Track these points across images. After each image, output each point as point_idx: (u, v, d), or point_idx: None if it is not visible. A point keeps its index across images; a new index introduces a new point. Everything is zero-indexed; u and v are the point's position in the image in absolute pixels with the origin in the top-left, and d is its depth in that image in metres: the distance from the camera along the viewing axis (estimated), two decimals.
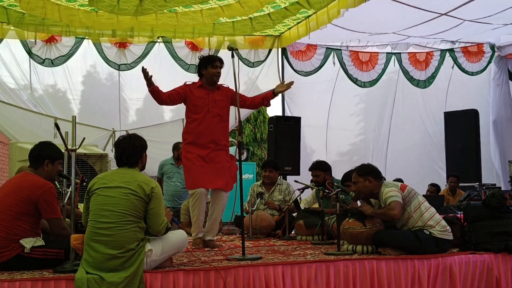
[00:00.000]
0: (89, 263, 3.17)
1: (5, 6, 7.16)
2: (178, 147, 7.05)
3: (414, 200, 4.19)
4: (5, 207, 3.49)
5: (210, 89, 4.74)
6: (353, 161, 9.77)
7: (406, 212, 4.17)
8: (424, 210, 4.16)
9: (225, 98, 4.77)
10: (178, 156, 7.06)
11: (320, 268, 3.66)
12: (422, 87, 9.84)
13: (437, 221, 4.12)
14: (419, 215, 4.14)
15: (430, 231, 4.06)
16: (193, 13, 7.30)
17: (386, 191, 4.18)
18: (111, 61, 8.28)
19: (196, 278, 3.38)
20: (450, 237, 4.14)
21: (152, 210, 3.34)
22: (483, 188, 8.24)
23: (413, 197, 4.21)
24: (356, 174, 4.39)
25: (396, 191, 4.16)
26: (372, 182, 4.29)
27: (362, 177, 4.32)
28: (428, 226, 4.08)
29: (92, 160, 5.71)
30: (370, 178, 4.29)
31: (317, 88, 9.30)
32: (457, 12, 7.36)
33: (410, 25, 7.98)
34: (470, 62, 9.99)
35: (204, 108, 4.67)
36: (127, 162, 3.44)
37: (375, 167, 4.43)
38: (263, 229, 5.82)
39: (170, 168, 7.08)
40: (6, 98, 7.67)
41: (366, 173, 4.32)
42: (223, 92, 4.79)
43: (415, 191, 4.30)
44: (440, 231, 4.08)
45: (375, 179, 4.30)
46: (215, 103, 4.70)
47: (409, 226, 4.18)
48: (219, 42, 8.54)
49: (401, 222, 4.22)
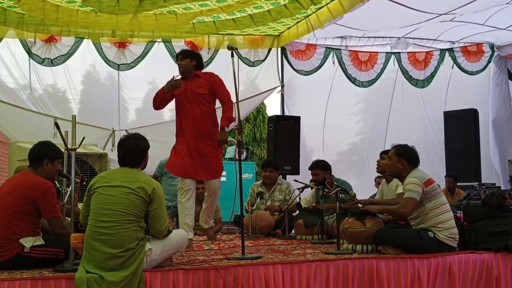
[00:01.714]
0: (89, 262, 3.17)
1: (5, 8, 7.16)
2: None
3: (436, 199, 4.13)
4: (5, 207, 3.49)
5: (187, 79, 4.86)
6: (352, 161, 9.81)
7: (424, 207, 4.12)
8: (441, 212, 4.10)
9: (206, 83, 4.85)
10: None
11: (319, 268, 3.66)
12: (421, 86, 9.84)
13: (449, 227, 4.08)
14: (435, 214, 4.09)
15: (437, 233, 4.03)
16: (192, 14, 7.30)
17: (409, 181, 4.14)
18: (111, 61, 8.28)
19: (196, 277, 3.38)
20: (455, 244, 4.12)
21: (154, 211, 3.34)
22: (482, 187, 8.24)
23: (437, 195, 4.15)
24: (394, 152, 4.35)
25: (417, 185, 4.08)
26: (404, 166, 4.26)
27: (398, 156, 4.30)
28: (438, 228, 4.04)
29: (92, 160, 5.70)
30: (404, 161, 4.27)
31: (316, 87, 9.29)
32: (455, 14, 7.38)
33: (409, 27, 8.01)
34: (470, 61, 9.99)
35: (183, 97, 4.81)
36: (131, 163, 3.44)
37: (414, 153, 4.36)
38: (262, 228, 5.82)
39: None
40: (5, 98, 7.66)
41: (402, 155, 4.29)
42: (203, 78, 4.89)
43: (441, 191, 4.26)
44: (447, 236, 4.05)
45: (408, 164, 4.27)
46: (192, 91, 4.80)
47: (421, 221, 4.14)
48: (219, 41, 8.53)
49: (414, 215, 4.18)
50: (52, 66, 8.07)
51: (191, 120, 4.78)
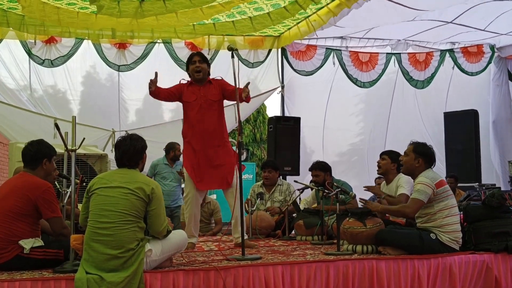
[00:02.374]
0: (88, 263, 3.17)
1: (5, 9, 7.16)
2: (175, 147, 7.05)
3: (447, 201, 4.11)
4: (4, 208, 3.49)
5: (201, 85, 4.74)
6: (352, 161, 9.80)
7: (433, 207, 4.10)
8: (448, 214, 4.07)
9: (217, 91, 4.73)
10: (174, 156, 7.06)
11: (319, 268, 3.66)
12: (420, 87, 9.84)
13: (453, 230, 4.07)
14: (442, 216, 4.07)
15: (440, 234, 4.02)
16: (192, 12, 7.29)
17: (420, 180, 4.11)
18: (111, 62, 8.28)
19: (196, 278, 3.38)
20: (457, 247, 4.11)
21: (153, 211, 3.35)
22: (482, 188, 8.24)
23: (447, 197, 4.13)
24: (412, 148, 4.29)
25: (427, 185, 4.05)
26: (420, 164, 4.22)
27: (416, 154, 4.24)
28: (441, 229, 4.03)
29: (92, 161, 5.71)
30: (421, 159, 4.22)
31: (316, 88, 9.30)
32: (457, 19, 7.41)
33: (410, 31, 8.04)
34: (470, 62, 10.00)
35: (196, 105, 4.66)
36: (128, 164, 3.44)
37: (432, 153, 4.32)
38: (262, 229, 5.82)
39: (164, 168, 7.08)
40: (5, 99, 7.67)
41: (421, 153, 4.24)
42: (215, 85, 4.77)
43: (451, 193, 4.23)
44: (450, 239, 4.04)
45: (425, 163, 4.23)
46: (206, 99, 4.68)
47: (425, 220, 4.13)
48: (219, 42, 8.53)
49: (421, 214, 4.16)
50: (52, 67, 8.07)
51: (201, 125, 4.65)
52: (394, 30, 8.61)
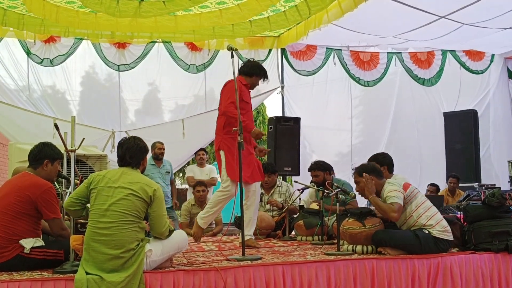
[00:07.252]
0: (89, 263, 3.17)
1: (5, 8, 7.15)
2: (154, 146, 7.02)
3: (415, 200, 4.18)
4: (5, 207, 3.49)
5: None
6: (352, 162, 9.78)
7: (407, 211, 4.16)
8: (423, 210, 4.14)
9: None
10: (154, 155, 7.03)
11: (320, 268, 3.66)
12: (428, 85, 9.83)
13: (438, 221, 4.11)
14: (418, 215, 4.13)
15: (430, 230, 4.06)
16: (192, 16, 7.30)
17: (388, 189, 4.15)
18: (110, 62, 8.28)
19: (196, 278, 3.38)
20: (450, 237, 4.13)
21: (154, 212, 3.37)
22: (482, 188, 8.23)
23: (414, 196, 4.20)
24: (357, 175, 4.33)
25: (398, 191, 4.12)
26: (375, 180, 4.23)
27: (366, 173, 4.25)
28: (428, 226, 4.08)
29: (92, 161, 5.70)
30: (373, 176, 4.24)
31: (316, 88, 9.29)
32: (456, 16, 7.36)
33: (409, 29, 8.01)
34: (473, 61, 10.03)
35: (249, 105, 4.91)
36: (130, 162, 3.45)
37: (376, 163, 4.38)
38: (263, 229, 5.81)
39: (150, 168, 6.97)
40: (5, 99, 7.66)
41: (366, 172, 4.26)
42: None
43: (418, 191, 4.28)
44: (440, 231, 4.07)
45: (377, 177, 4.26)
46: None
47: (408, 225, 4.18)
48: (219, 42, 8.54)
49: (401, 221, 4.21)
50: (51, 66, 8.06)
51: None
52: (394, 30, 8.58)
